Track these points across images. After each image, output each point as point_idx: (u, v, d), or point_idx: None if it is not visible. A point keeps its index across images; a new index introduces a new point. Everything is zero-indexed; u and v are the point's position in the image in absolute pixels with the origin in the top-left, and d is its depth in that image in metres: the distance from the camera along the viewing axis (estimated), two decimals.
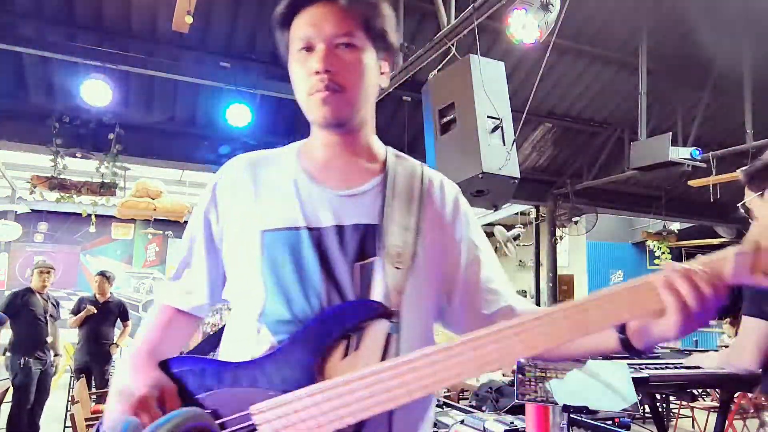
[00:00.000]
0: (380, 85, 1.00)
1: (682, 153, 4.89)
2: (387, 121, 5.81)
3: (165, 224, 10.36)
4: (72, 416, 3.44)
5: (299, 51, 0.91)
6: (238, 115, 5.01)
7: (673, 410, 6.39)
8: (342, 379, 0.77)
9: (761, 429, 1.78)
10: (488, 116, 3.37)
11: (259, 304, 0.90)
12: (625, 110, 6.10)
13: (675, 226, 10.80)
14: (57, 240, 11.37)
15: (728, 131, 6.00)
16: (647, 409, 4.47)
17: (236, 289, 0.96)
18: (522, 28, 3.48)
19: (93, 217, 6.81)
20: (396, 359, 0.78)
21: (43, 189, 5.79)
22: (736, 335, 1.96)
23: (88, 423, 3.68)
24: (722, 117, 6.21)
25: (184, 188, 9.39)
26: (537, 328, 0.75)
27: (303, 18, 0.91)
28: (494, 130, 3.38)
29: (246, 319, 0.91)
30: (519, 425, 2.11)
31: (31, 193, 5.83)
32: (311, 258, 0.88)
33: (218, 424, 0.81)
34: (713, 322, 10.42)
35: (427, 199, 0.97)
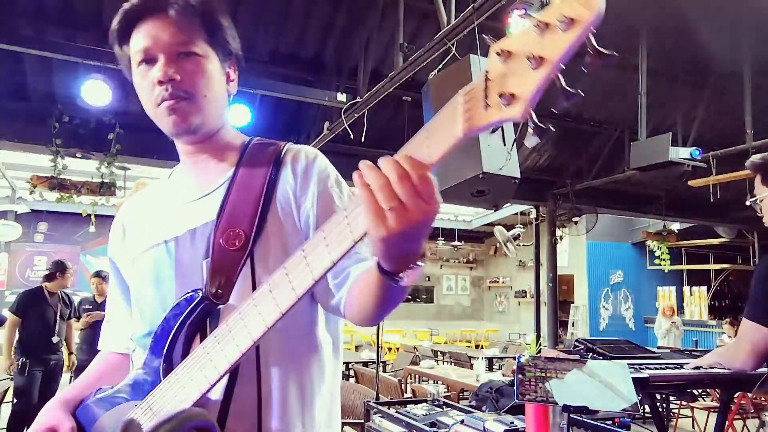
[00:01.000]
0: (229, 92, 1.01)
1: (682, 153, 4.88)
2: (387, 121, 5.81)
3: None
4: None
5: (140, 64, 0.92)
6: (238, 115, 5.01)
7: (673, 410, 6.40)
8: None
9: (761, 429, 1.78)
10: None
11: (130, 327, 1.02)
12: (625, 110, 6.09)
13: (675, 226, 10.81)
14: (57, 240, 11.37)
15: (728, 131, 6.00)
16: (647, 409, 4.47)
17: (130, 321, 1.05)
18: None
19: (93, 217, 6.80)
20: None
21: (43, 189, 5.80)
22: (736, 335, 1.96)
23: None
24: (722, 117, 6.21)
25: None
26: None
27: (140, 31, 0.92)
28: (494, 131, 3.37)
29: (129, 345, 1.01)
30: (519, 425, 2.11)
31: (31, 193, 5.85)
32: (166, 268, 0.94)
33: None
34: (713, 322, 10.43)
35: (279, 177, 0.95)
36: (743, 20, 4.81)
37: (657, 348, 5.14)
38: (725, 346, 2.82)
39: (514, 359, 2.23)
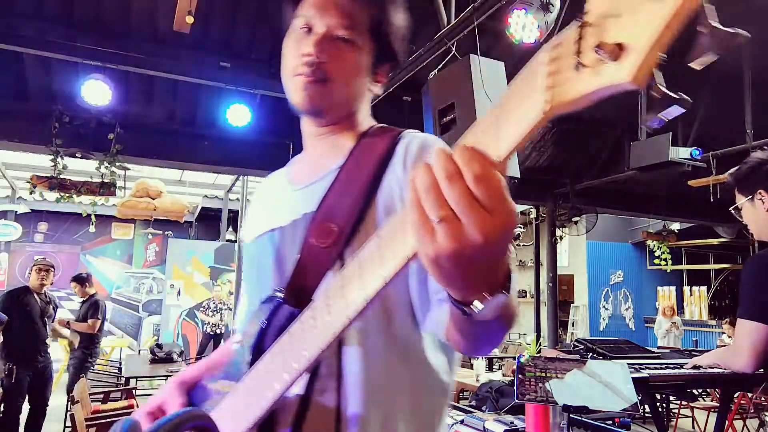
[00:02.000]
0: (372, 91, 0.97)
1: (682, 153, 4.88)
2: (387, 121, 5.78)
3: (165, 224, 10.38)
4: (72, 416, 3.44)
5: (299, 29, 0.90)
6: (238, 115, 5.01)
7: (673, 410, 6.40)
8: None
9: (761, 429, 1.78)
10: None
11: (241, 311, 1.00)
12: (625, 110, 6.09)
13: (675, 226, 10.81)
14: (57, 240, 11.38)
15: (728, 131, 6.00)
16: (647, 409, 4.47)
17: None
18: (522, 28, 3.48)
19: (93, 217, 6.80)
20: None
21: (43, 189, 5.80)
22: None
23: (88, 423, 3.68)
24: (722, 117, 6.20)
25: (184, 188, 9.38)
26: None
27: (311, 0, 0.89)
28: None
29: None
30: (519, 425, 2.11)
31: (31, 193, 5.84)
32: (268, 258, 0.91)
33: None
34: (713, 322, 10.43)
35: (388, 169, 0.85)
36: (743, 20, 4.80)
37: (657, 348, 5.15)
38: (724, 348, 2.82)
39: (514, 359, 2.23)
